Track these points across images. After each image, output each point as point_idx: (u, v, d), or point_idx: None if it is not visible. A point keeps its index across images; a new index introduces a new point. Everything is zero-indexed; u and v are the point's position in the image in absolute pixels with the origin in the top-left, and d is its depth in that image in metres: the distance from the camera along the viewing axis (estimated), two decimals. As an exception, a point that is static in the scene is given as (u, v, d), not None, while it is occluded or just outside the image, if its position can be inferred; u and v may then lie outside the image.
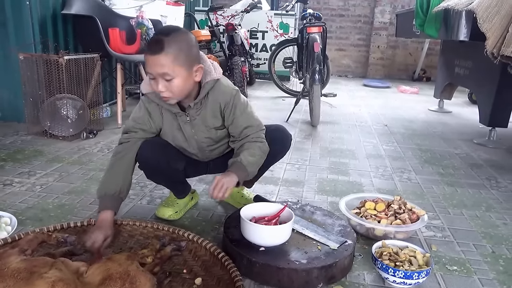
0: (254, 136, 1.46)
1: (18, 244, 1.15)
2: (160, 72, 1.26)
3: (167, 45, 1.24)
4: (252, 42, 5.73)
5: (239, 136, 1.47)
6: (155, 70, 1.27)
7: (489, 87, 2.89)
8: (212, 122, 1.46)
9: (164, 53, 1.24)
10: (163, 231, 1.40)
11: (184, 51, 1.27)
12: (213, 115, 1.45)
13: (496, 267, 1.38)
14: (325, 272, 1.23)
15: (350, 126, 3.39)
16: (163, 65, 1.25)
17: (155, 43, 1.25)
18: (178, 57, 1.26)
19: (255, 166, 1.44)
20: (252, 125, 1.46)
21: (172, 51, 1.24)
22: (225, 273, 1.20)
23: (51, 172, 2.07)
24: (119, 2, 3.39)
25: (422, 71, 6.87)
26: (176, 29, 1.31)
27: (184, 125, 1.45)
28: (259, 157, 1.45)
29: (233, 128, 1.47)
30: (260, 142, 1.46)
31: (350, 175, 2.22)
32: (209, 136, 1.49)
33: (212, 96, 1.42)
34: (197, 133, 1.47)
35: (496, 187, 2.12)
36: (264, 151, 1.47)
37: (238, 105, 1.44)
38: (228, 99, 1.43)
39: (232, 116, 1.44)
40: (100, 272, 1.02)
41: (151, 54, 1.25)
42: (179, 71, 1.27)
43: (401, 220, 1.50)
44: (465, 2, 2.59)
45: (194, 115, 1.43)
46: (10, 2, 2.76)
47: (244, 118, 1.45)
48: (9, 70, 2.86)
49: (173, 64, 1.25)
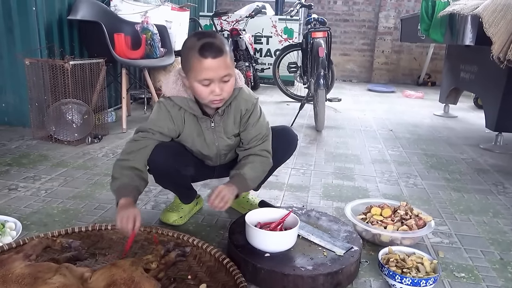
0: (260, 149, 1.46)
1: (23, 249, 1.14)
2: (224, 73, 1.26)
3: (224, 46, 1.25)
4: (257, 47, 5.74)
5: (247, 143, 1.47)
6: (219, 74, 1.25)
7: (495, 91, 2.87)
8: (233, 129, 1.46)
9: (225, 54, 1.25)
10: (168, 237, 1.39)
11: (231, 50, 1.32)
12: (234, 121, 1.45)
13: (505, 274, 1.36)
14: (331, 279, 1.21)
15: (355, 131, 3.37)
16: (227, 66, 1.26)
17: (215, 46, 1.23)
18: (232, 56, 1.31)
19: (255, 180, 1.47)
20: (261, 133, 1.47)
21: (229, 51, 1.28)
22: (230, 279, 1.19)
23: (56, 176, 2.07)
24: (124, 8, 3.41)
25: (427, 75, 6.85)
26: (213, 31, 1.38)
27: (206, 130, 1.43)
28: (260, 173, 1.47)
29: (244, 135, 1.47)
30: (264, 157, 1.46)
31: (356, 180, 2.21)
32: (229, 144, 1.48)
33: (235, 104, 1.42)
34: (218, 139, 1.46)
35: (504, 193, 2.09)
36: (266, 166, 1.48)
37: (254, 114, 1.46)
38: (249, 106, 1.44)
39: (246, 123, 1.45)
40: (105, 278, 1.02)
41: (214, 57, 1.23)
42: (233, 69, 1.32)
43: (407, 226, 1.48)
44: (470, 7, 2.58)
45: (219, 122, 1.43)
46: (17, 8, 2.78)
47: (257, 128, 1.46)
48: (15, 75, 2.88)
49: (232, 63, 1.30)
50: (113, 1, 3.40)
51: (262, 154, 1.46)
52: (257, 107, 1.47)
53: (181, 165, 1.45)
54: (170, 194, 1.87)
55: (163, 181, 1.54)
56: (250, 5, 5.86)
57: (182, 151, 1.48)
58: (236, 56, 4.79)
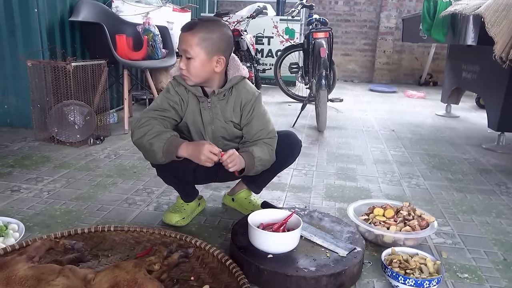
0: (266, 141, 1.48)
1: (26, 251, 1.14)
2: (183, 48, 1.37)
3: (198, 27, 1.36)
4: (258, 47, 5.74)
5: (251, 138, 1.49)
6: (181, 46, 1.38)
7: (497, 91, 2.86)
8: (231, 115, 1.50)
9: (192, 32, 1.35)
10: (170, 238, 1.39)
11: (211, 39, 1.37)
12: (233, 109, 1.49)
13: (508, 275, 1.36)
14: (334, 280, 1.21)
15: (357, 131, 3.37)
16: (186, 42, 1.36)
17: (189, 23, 1.40)
18: (202, 40, 1.35)
19: (262, 164, 1.46)
20: (266, 129, 1.49)
21: (199, 34, 1.35)
22: (232, 280, 1.19)
23: (58, 178, 2.08)
24: (126, 9, 3.41)
25: (429, 75, 6.84)
26: (215, 19, 1.45)
27: (204, 111, 1.48)
28: (268, 158, 1.48)
29: (247, 129, 1.50)
30: (270, 145, 1.48)
31: (358, 180, 2.20)
32: (225, 127, 1.51)
33: (236, 91, 1.49)
34: (214, 121, 1.49)
35: (506, 193, 2.09)
36: (272, 156, 1.49)
37: (257, 108, 1.50)
38: (250, 97, 1.49)
39: (250, 116, 1.49)
40: (108, 280, 1.02)
41: (182, 31, 1.38)
42: (199, 53, 1.36)
43: (410, 227, 1.48)
44: (472, 7, 2.58)
45: (215, 103, 1.47)
46: (19, 9, 2.79)
47: (260, 122, 1.49)
48: (18, 76, 2.89)
49: (195, 44, 1.35)
50: (115, 3, 3.41)
51: (269, 143, 1.48)
52: (259, 101, 1.52)
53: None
54: (173, 195, 1.87)
55: (165, 174, 1.55)
56: (251, 6, 5.86)
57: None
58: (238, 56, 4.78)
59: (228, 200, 1.79)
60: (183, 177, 1.53)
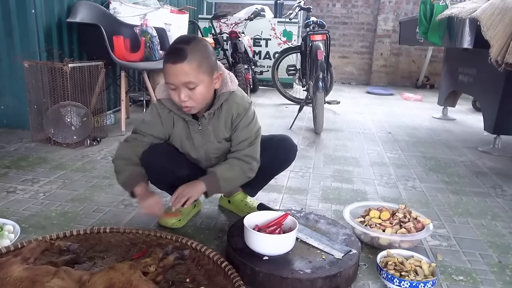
0: (244, 154, 1.45)
1: (21, 253, 1.14)
2: (184, 81, 1.26)
3: (190, 53, 1.24)
4: (256, 49, 5.75)
5: (235, 146, 1.47)
6: (179, 80, 1.26)
7: (493, 94, 2.88)
8: (223, 132, 1.46)
9: (188, 61, 1.24)
10: (166, 240, 1.39)
11: (206, 58, 1.28)
12: (225, 125, 1.45)
13: (503, 277, 1.36)
14: (330, 282, 1.21)
15: (354, 134, 3.38)
16: (187, 73, 1.25)
17: (177, 52, 1.25)
18: (201, 64, 1.26)
19: (229, 182, 1.44)
20: (250, 140, 1.45)
21: (196, 59, 1.25)
22: (228, 282, 1.19)
23: (54, 179, 2.07)
24: (123, 10, 3.41)
25: (426, 78, 6.86)
26: (194, 37, 1.33)
27: (194, 134, 1.45)
28: (237, 175, 1.44)
29: (233, 137, 1.48)
30: (246, 163, 1.45)
31: (354, 183, 2.21)
32: (218, 147, 1.49)
33: (226, 107, 1.43)
34: (206, 143, 1.47)
35: (502, 196, 2.10)
36: (246, 172, 1.46)
37: (246, 118, 1.45)
38: (241, 110, 1.44)
39: (236, 126, 1.45)
40: (103, 282, 1.01)
41: (174, 63, 1.24)
42: (203, 78, 1.28)
43: (406, 229, 1.49)
44: (468, 10, 2.59)
45: (206, 125, 1.44)
46: (16, 10, 2.78)
47: (246, 132, 1.46)
48: (14, 77, 2.88)
49: (197, 71, 1.26)
50: (112, 4, 3.41)
51: (245, 160, 1.45)
52: (249, 111, 1.46)
53: (175, 166, 1.46)
54: (168, 197, 1.86)
55: (157, 182, 1.56)
56: (249, 8, 5.87)
57: (176, 153, 1.50)
58: (235, 58, 4.79)
59: (225, 202, 1.79)
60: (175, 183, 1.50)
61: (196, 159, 1.53)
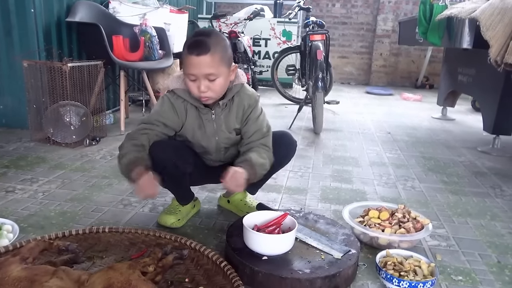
0: (261, 143, 1.48)
1: (20, 252, 1.14)
2: (207, 72, 1.30)
3: (212, 45, 1.29)
4: (255, 49, 5.74)
5: (248, 138, 1.49)
6: (202, 71, 1.30)
7: (493, 94, 2.88)
8: (234, 123, 1.49)
9: (211, 53, 1.28)
10: (165, 239, 1.39)
11: (226, 51, 1.34)
12: (236, 116, 1.48)
13: (502, 277, 1.36)
14: (329, 282, 1.21)
15: (353, 134, 3.38)
16: (210, 65, 1.29)
17: (200, 44, 1.29)
18: (222, 56, 1.32)
19: (262, 168, 1.43)
20: (262, 131, 1.49)
21: (218, 51, 1.30)
22: (227, 282, 1.19)
23: (53, 179, 2.07)
24: (123, 10, 3.41)
25: (425, 78, 6.86)
26: (213, 30, 1.38)
27: (207, 122, 1.47)
28: (266, 161, 1.46)
29: (244, 130, 1.49)
30: (266, 150, 1.47)
31: (354, 183, 2.21)
32: (229, 137, 1.51)
33: (238, 99, 1.47)
34: (218, 132, 1.48)
35: (501, 196, 2.10)
36: (270, 157, 1.48)
37: (256, 109, 1.49)
38: (252, 101, 1.48)
39: (248, 118, 1.48)
40: (102, 281, 1.01)
41: (198, 55, 1.28)
42: (223, 70, 1.33)
43: (405, 229, 1.49)
44: (468, 10, 2.59)
45: (219, 114, 1.46)
46: (15, 10, 2.78)
47: (257, 124, 1.49)
48: (13, 77, 2.88)
49: (218, 63, 1.31)
50: (112, 3, 3.40)
51: (264, 148, 1.47)
52: (258, 104, 1.51)
53: (180, 160, 1.45)
54: (168, 196, 1.86)
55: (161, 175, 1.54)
56: (249, 8, 5.86)
57: (183, 148, 1.50)
58: (235, 58, 4.79)
59: (224, 202, 1.79)
60: (179, 178, 1.53)
61: (206, 149, 1.52)
